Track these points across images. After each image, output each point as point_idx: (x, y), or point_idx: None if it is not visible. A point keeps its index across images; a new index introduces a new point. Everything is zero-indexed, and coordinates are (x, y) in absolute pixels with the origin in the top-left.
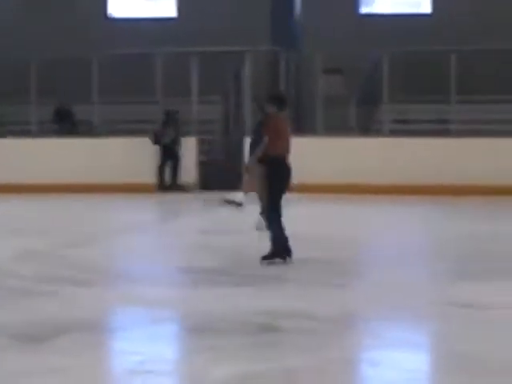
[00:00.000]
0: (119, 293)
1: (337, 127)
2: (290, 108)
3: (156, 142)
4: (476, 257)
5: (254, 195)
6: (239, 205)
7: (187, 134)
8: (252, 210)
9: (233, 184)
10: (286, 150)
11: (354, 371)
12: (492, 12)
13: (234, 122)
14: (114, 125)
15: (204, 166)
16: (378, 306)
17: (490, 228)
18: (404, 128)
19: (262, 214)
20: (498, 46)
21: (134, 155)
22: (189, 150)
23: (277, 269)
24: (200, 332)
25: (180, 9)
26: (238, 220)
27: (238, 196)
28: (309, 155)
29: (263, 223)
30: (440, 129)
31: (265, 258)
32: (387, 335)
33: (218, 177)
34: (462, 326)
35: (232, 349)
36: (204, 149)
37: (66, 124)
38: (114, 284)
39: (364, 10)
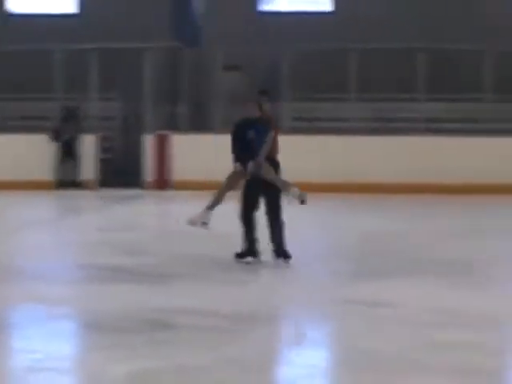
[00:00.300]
0: (18, 290)
1: None
2: (190, 105)
3: (55, 138)
4: (377, 255)
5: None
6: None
7: (87, 130)
8: (156, 207)
9: (132, 181)
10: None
11: (252, 369)
12: (392, 10)
13: (134, 119)
14: (12, 121)
15: (104, 163)
16: (280, 303)
17: (391, 226)
18: (304, 126)
19: (210, 208)
20: (397, 45)
21: (32, 152)
22: (88, 147)
23: (177, 266)
24: (98, 329)
25: (81, 5)
26: (138, 217)
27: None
28: (207, 152)
29: (203, 219)
30: (340, 127)
31: (284, 256)
32: (287, 333)
33: (118, 174)
34: (364, 324)
35: (130, 346)
36: (104, 146)
37: None
38: (13, 281)
39: (264, 7)
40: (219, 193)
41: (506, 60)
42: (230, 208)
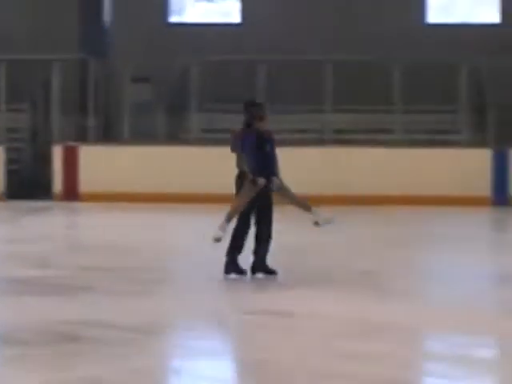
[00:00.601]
0: None
1: (145, 136)
2: (99, 117)
3: None
4: (279, 266)
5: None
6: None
7: None
8: (65, 219)
9: (41, 193)
10: None
11: (156, 380)
12: (300, 23)
13: (43, 130)
14: None
15: (11, 175)
16: (181, 314)
17: (295, 238)
18: (212, 137)
19: (227, 221)
20: (305, 57)
21: None
22: None
23: (84, 278)
24: (4, 342)
25: None
26: (46, 229)
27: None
28: (117, 164)
29: (217, 234)
30: None
31: (264, 271)
32: (189, 344)
33: (26, 186)
34: (265, 335)
35: (35, 358)
36: (11, 157)
37: None
38: None
39: (174, 19)
40: (237, 207)
41: (414, 71)
42: (139, 221)
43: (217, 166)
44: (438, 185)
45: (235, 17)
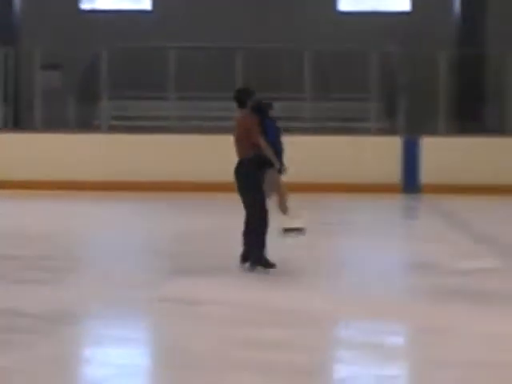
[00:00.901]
0: None
1: (56, 123)
2: (9, 104)
3: None
4: (189, 254)
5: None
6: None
7: None
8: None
9: None
10: None
11: (65, 369)
12: (211, 10)
13: None
14: None
15: None
16: (92, 302)
17: (205, 225)
18: (124, 124)
19: (286, 213)
20: (216, 44)
21: None
22: None
23: None
24: None
25: None
26: None
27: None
28: (27, 151)
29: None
30: (159, 125)
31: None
32: (99, 332)
33: None
34: (177, 322)
35: None
36: None
37: None
38: None
39: (85, 5)
40: (282, 198)
41: (325, 59)
42: (50, 209)
43: (128, 153)
44: (348, 172)
45: (146, 4)
